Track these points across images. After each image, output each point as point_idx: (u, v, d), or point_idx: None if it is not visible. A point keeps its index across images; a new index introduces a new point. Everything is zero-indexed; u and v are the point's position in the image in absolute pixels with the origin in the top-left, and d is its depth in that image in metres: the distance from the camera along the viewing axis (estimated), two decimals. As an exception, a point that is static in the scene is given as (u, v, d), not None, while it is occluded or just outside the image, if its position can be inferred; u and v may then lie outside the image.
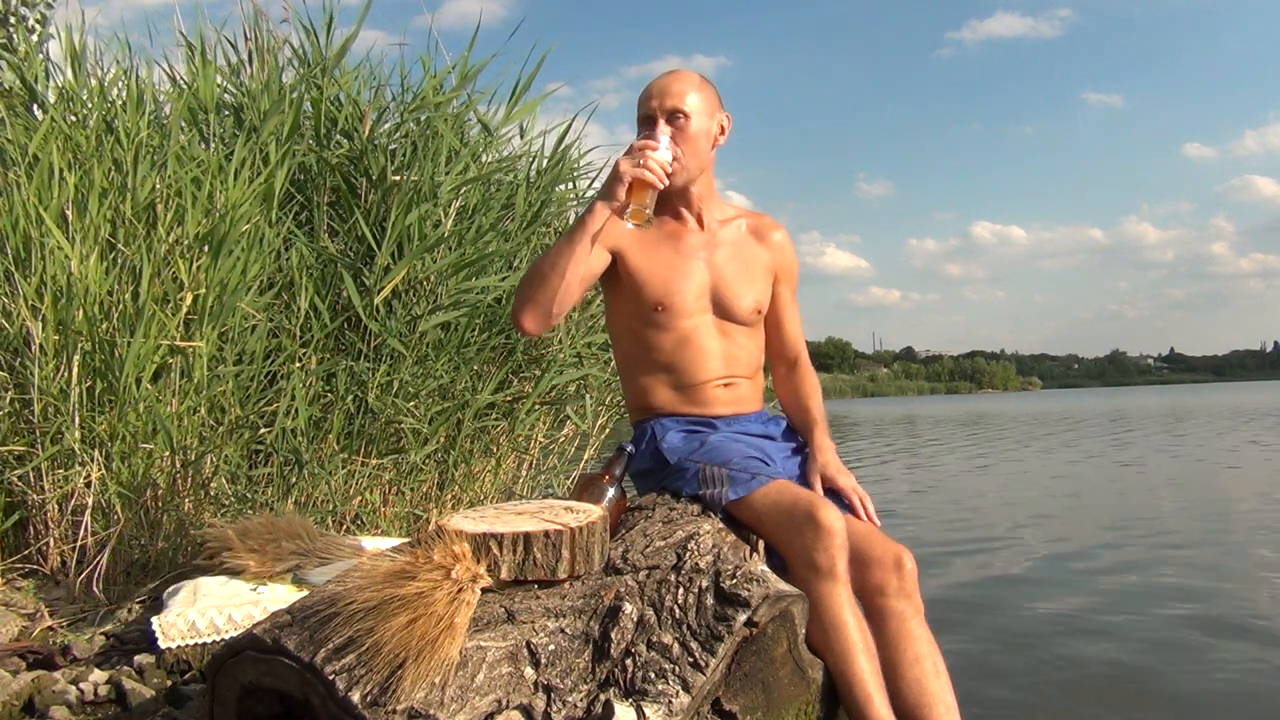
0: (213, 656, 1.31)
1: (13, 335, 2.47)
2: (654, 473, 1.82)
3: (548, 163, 3.69)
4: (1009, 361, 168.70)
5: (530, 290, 1.75)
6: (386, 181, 3.07)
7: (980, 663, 2.39)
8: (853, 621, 1.53)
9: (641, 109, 1.83)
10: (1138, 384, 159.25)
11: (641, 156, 1.65)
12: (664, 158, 1.67)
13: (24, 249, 2.49)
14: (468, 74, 3.53)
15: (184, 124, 3.11)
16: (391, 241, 2.97)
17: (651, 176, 1.65)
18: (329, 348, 3.01)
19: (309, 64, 3.45)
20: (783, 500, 1.63)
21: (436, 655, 1.15)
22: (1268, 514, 4.94)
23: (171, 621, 1.98)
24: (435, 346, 3.12)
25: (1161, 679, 2.27)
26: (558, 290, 1.72)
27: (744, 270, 1.91)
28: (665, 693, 1.28)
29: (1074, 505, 5.57)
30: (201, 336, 2.59)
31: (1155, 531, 4.41)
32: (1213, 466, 7.75)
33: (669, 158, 1.69)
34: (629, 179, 1.65)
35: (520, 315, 1.77)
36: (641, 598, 1.40)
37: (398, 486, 3.07)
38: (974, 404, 44.09)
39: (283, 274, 2.96)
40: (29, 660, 1.98)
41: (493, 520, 1.39)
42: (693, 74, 1.86)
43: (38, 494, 2.48)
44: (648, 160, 1.64)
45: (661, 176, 1.66)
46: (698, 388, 1.86)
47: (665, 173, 1.67)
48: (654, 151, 1.66)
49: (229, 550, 2.15)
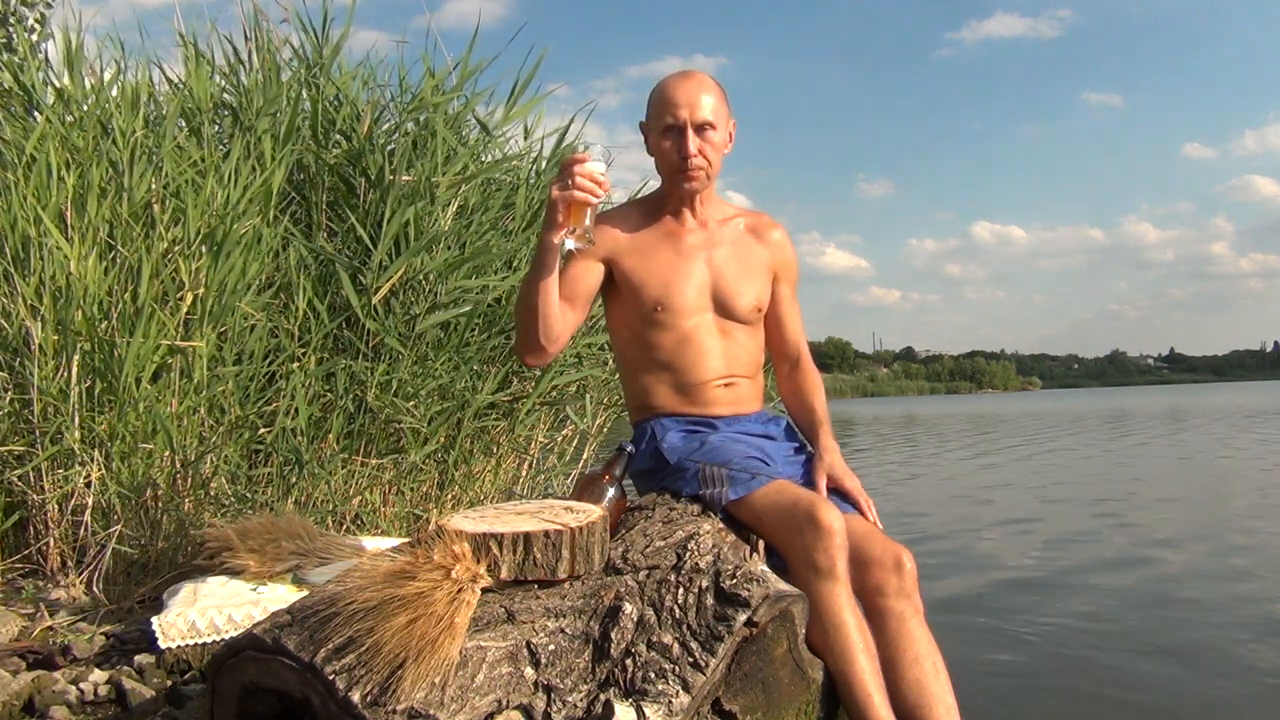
0: (213, 656, 1.31)
1: (12, 335, 2.47)
2: (654, 473, 1.82)
3: (547, 164, 3.70)
4: (1009, 361, 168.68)
5: (519, 332, 1.80)
6: (385, 181, 3.07)
7: (980, 662, 2.39)
8: (853, 621, 1.53)
9: (666, 116, 1.81)
10: (1138, 384, 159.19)
11: (569, 176, 1.58)
12: (594, 168, 1.59)
13: (23, 249, 2.50)
14: (468, 74, 3.53)
15: (182, 123, 3.12)
16: (388, 240, 2.97)
17: (583, 195, 1.58)
18: (328, 347, 3.01)
19: (309, 63, 3.45)
20: (782, 500, 1.63)
21: (436, 655, 1.15)
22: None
23: (171, 621, 1.98)
24: (434, 346, 3.12)
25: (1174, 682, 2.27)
26: (539, 327, 1.75)
27: (744, 268, 1.91)
28: (665, 693, 1.28)
29: (1084, 502, 5.57)
30: (201, 337, 2.59)
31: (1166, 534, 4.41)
32: (1210, 460, 7.76)
33: (601, 168, 1.61)
34: (562, 204, 1.60)
35: (520, 354, 1.84)
36: (641, 598, 1.40)
37: (397, 486, 3.07)
38: (974, 404, 44.09)
39: (281, 274, 2.96)
40: (29, 660, 1.98)
41: (493, 520, 1.39)
42: (710, 80, 1.86)
43: (38, 494, 2.48)
44: (576, 180, 1.57)
45: (594, 190, 1.59)
46: (698, 387, 1.87)
47: (597, 183, 1.59)
48: (580, 166, 1.58)
49: (229, 550, 2.14)
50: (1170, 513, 5.14)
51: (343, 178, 3.23)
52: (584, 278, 1.83)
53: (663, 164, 1.86)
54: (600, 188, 1.60)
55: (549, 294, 1.73)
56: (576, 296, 1.82)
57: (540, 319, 1.74)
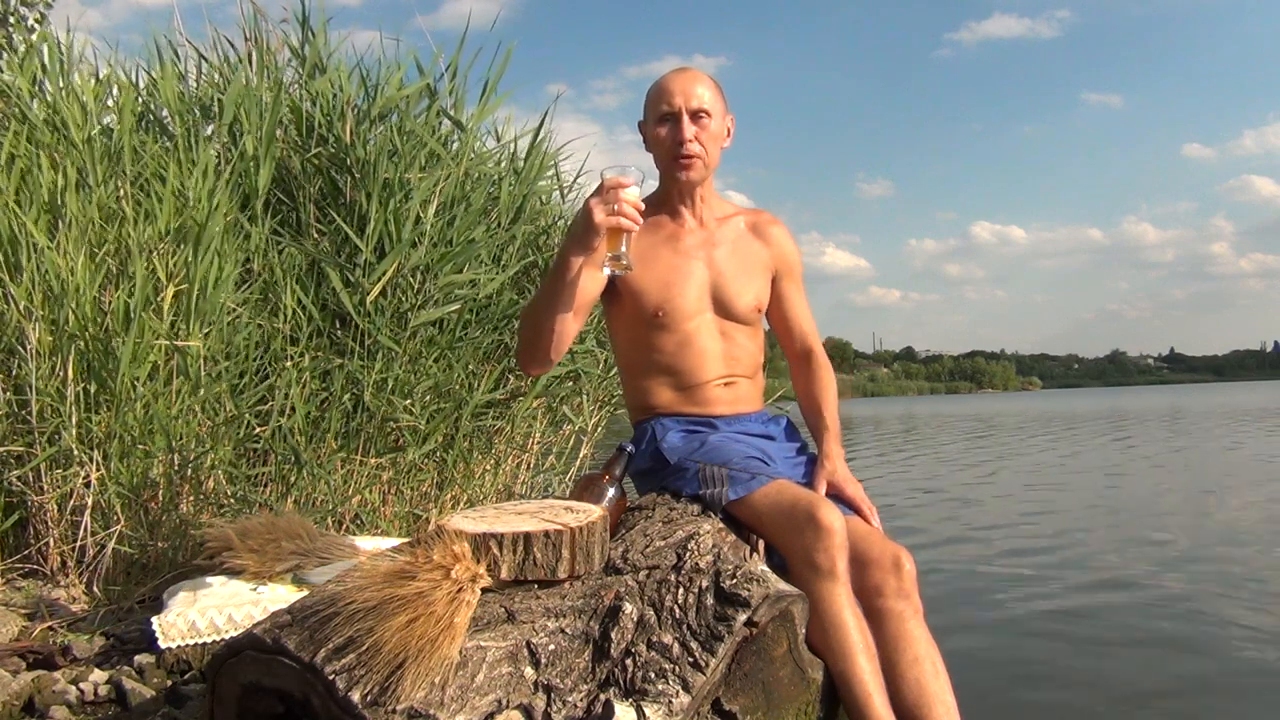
0: (213, 656, 1.31)
1: (7, 336, 2.47)
2: (654, 473, 1.82)
3: (525, 161, 3.73)
4: (1009, 361, 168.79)
5: (525, 341, 1.78)
6: (369, 180, 3.08)
7: (982, 661, 2.39)
8: (853, 621, 1.53)
9: (660, 106, 1.82)
10: (1138, 384, 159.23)
11: (615, 201, 1.52)
12: (634, 195, 1.53)
13: (11, 250, 2.49)
14: (456, 73, 3.59)
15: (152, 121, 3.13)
16: (374, 238, 2.98)
17: (628, 223, 1.53)
18: (322, 346, 3.02)
19: (303, 60, 3.46)
20: (783, 500, 1.63)
21: (436, 655, 1.15)
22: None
23: (171, 621, 1.98)
24: (427, 343, 3.13)
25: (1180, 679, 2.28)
26: (551, 338, 1.73)
27: (744, 268, 1.91)
28: (665, 693, 1.28)
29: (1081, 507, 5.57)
30: (190, 334, 2.59)
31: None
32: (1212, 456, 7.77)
33: (638, 193, 1.55)
34: (605, 229, 1.53)
35: (523, 364, 1.82)
36: (641, 598, 1.40)
37: (397, 486, 3.07)
38: (975, 404, 44.10)
39: (268, 272, 2.96)
40: (29, 660, 1.98)
41: (493, 520, 1.39)
42: (706, 75, 1.87)
43: (37, 494, 2.48)
44: (623, 207, 1.52)
45: (637, 219, 1.54)
46: (698, 388, 1.86)
47: (638, 209, 1.54)
48: (624, 191, 1.52)
49: (229, 550, 2.14)
50: (1174, 507, 5.14)
51: (328, 177, 3.24)
52: (588, 287, 1.79)
53: (659, 154, 1.87)
54: (641, 213, 1.56)
55: (565, 309, 1.71)
56: (581, 306, 1.78)
57: (554, 334, 1.72)
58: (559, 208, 4.11)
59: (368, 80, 3.47)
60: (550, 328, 1.72)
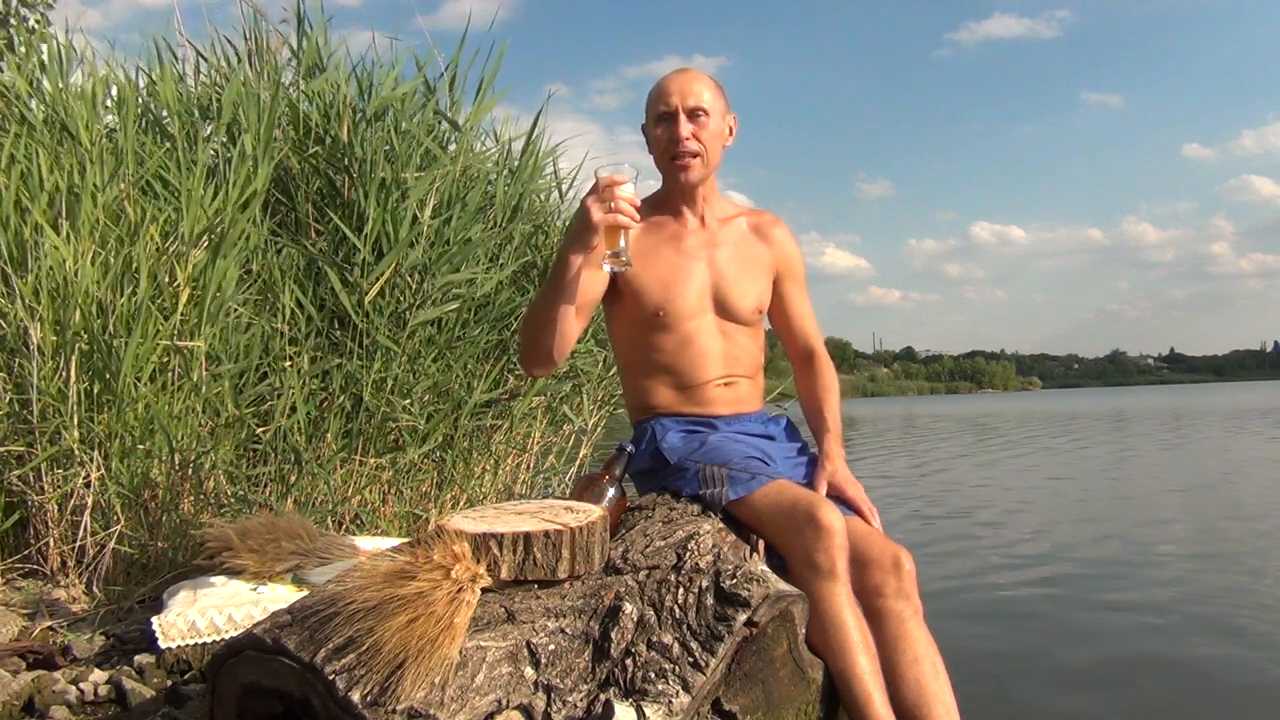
0: (213, 656, 1.31)
1: (10, 335, 2.47)
2: (654, 473, 1.82)
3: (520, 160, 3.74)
4: (1009, 361, 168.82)
5: (528, 341, 1.78)
6: (366, 179, 3.09)
7: (980, 660, 2.39)
8: (853, 621, 1.53)
9: (659, 105, 1.83)
10: (1138, 384, 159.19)
11: (612, 199, 1.55)
12: (629, 192, 1.56)
13: (18, 249, 2.50)
14: (455, 73, 3.58)
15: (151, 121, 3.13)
16: (372, 237, 2.98)
17: (625, 220, 1.56)
18: (321, 346, 3.02)
19: (300, 60, 3.46)
20: (783, 500, 1.63)
21: (436, 655, 1.15)
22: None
23: (171, 621, 1.98)
24: (426, 343, 3.13)
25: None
26: (553, 339, 1.73)
27: (745, 269, 1.91)
28: (665, 693, 1.28)
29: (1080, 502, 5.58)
30: (197, 336, 2.59)
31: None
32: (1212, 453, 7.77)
33: (632, 189, 1.58)
34: (603, 227, 1.57)
35: (526, 365, 1.82)
36: (641, 598, 1.40)
37: (396, 486, 3.07)
38: (975, 404, 44.08)
39: (267, 273, 2.96)
40: (29, 660, 1.98)
41: (493, 520, 1.39)
42: (705, 74, 1.87)
43: (37, 494, 2.48)
44: (619, 204, 1.55)
45: (634, 215, 1.57)
46: (698, 388, 1.86)
47: (635, 206, 1.58)
48: (619, 189, 1.55)
49: (229, 550, 2.14)
50: (1174, 502, 5.14)
51: (326, 177, 3.24)
52: (590, 286, 1.79)
53: (658, 154, 1.87)
54: (637, 210, 1.58)
55: (567, 309, 1.71)
56: (583, 305, 1.79)
57: (556, 334, 1.73)
58: (557, 206, 4.11)
59: (363, 81, 3.47)
60: (552, 328, 1.72)
